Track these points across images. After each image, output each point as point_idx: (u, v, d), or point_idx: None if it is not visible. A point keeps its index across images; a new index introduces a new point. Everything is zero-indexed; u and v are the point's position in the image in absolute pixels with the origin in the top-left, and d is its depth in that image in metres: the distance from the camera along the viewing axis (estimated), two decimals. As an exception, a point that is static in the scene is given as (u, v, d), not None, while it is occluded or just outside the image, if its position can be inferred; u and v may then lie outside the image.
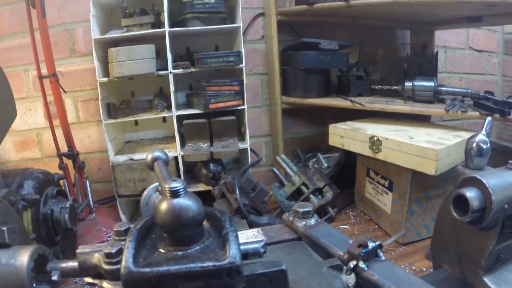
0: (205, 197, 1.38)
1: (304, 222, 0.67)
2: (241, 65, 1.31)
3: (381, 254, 0.58)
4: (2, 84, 1.04)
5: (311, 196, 1.31)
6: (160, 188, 1.14)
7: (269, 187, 1.34)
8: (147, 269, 0.33)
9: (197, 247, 0.36)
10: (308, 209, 0.68)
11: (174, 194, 0.35)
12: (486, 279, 0.69)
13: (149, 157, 0.57)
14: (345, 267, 0.53)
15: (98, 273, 0.41)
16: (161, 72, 1.28)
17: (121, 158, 1.33)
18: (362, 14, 1.52)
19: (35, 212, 1.02)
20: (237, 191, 1.14)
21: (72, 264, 0.43)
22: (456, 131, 1.24)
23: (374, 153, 1.21)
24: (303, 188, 1.32)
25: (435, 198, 1.17)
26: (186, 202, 0.35)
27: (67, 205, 1.09)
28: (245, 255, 0.39)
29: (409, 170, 1.11)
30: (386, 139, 1.17)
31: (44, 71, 1.26)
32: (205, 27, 1.27)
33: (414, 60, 1.54)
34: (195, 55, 1.27)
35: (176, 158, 1.34)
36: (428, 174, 1.05)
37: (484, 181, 0.67)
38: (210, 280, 0.33)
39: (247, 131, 1.38)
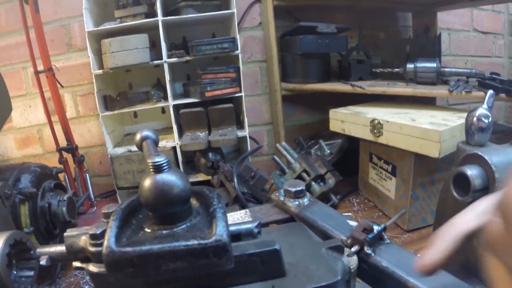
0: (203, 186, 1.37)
1: (297, 202, 0.63)
2: (236, 52, 1.29)
3: (385, 237, 0.53)
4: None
5: (313, 183, 1.28)
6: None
7: (271, 175, 1.33)
8: (129, 249, 0.31)
9: (183, 226, 0.35)
10: (300, 188, 0.64)
11: (157, 169, 0.33)
12: (491, 265, 0.66)
13: (138, 136, 0.55)
14: (347, 249, 0.50)
15: (86, 257, 0.40)
16: (156, 62, 1.27)
17: (120, 150, 1.33)
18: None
19: (32, 205, 1.01)
20: (235, 179, 1.12)
21: (61, 248, 0.42)
22: (461, 112, 1.20)
23: (375, 137, 1.18)
24: (304, 175, 1.29)
25: (440, 182, 1.12)
26: (170, 178, 0.33)
27: (65, 198, 1.09)
28: (238, 236, 0.36)
29: (412, 154, 1.08)
30: (387, 122, 1.13)
31: (41, 67, 1.26)
32: (198, 14, 1.25)
33: (416, 42, 1.50)
34: (189, 42, 1.26)
35: (174, 148, 1.33)
36: (431, 157, 1.01)
37: (486, 157, 0.63)
38: (195, 259, 0.31)
39: (246, 119, 1.36)
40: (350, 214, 1.28)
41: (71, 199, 1.11)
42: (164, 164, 0.34)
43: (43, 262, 0.43)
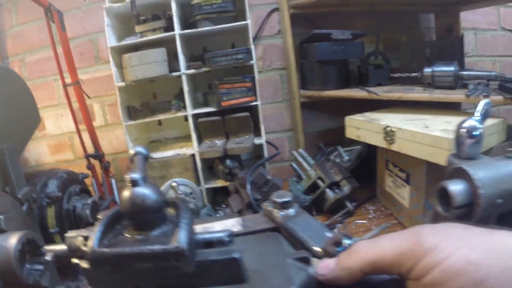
0: (224, 193, 1.42)
1: (283, 213, 0.66)
2: (251, 62, 1.32)
3: None
4: (25, 93, 1.12)
5: (327, 190, 1.29)
6: (173, 184, 1.19)
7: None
8: (107, 250, 0.37)
9: (156, 233, 0.40)
10: (287, 199, 0.66)
11: (133, 183, 0.39)
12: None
13: (131, 152, 0.61)
14: (318, 261, 0.53)
15: (82, 255, 0.47)
16: (174, 74, 1.32)
17: (143, 158, 1.39)
18: (377, 0, 1.48)
19: (58, 208, 1.10)
20: (248, 186, 1.16)
21: (63, 247, 0.49)
22: (478, 118, 1.17)
23: (388, 144, 1.18)
24: (319, 182, 1.31)
25: (453, 192, 1.11)
26: (143, 191, 0.39)
27: (89, 202, 1.17)
28: (210, 244, 0.41)
29: (424, 162, 1.06)
30: (400, 129, 1.13)
31: (68, 80, 1.35)
32: (213, 27, 1.29)
33: (436, 45, 1.47)
34: (205, 54, 1.31)
35: (193, 155, 1.38)
36: (444, 166, 1.00)
37: (471, 172, 0.62)
38: (159, 262, 0.36)
39: (262, 127, 1.39)
40: (364, 221, 1.28)
41: (95, 203, 1.19)
42: (139, 180, 0.39)
43: (48, 257, 0.51)
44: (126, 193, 0.39)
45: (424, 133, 1.05)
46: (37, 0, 1.22)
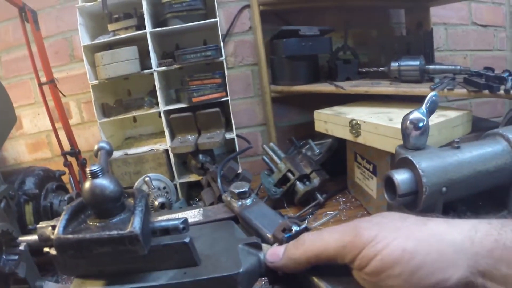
0: (199, 187, 1.45)
1: (240, 203, 0.70)
2: (220, 58, 1.35)
3: None
4: (0, 94, 1.14)
5: (297, 182, 1.32)
6: (146, 179, 1.22)
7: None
8: (70, 236, 0.40)
9: (114, 220, 0.43)
10: (243, 190, 0.70)
11: (93, 175, 0.42)
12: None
13: (95, 147, 0.66)
14: (268, 246, 0.56)
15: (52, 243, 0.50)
16: (145, 72, 1.35)
17: (117, 154, 1.42)
18: (345, -5, 1.51)
19: (35, 205, 1.14)
20: (219, 180, 1.19)
21: (35, 237, 0.52)
22: (443, 111, 1.20)
23: (354, 137, 1.21)
24: (289, 175, 1.34)
25: (417, 181, 1.15)
26: (102, 182, 0.42)
27: (66, 198, 1.20)
28: (166, 231, 0.44)
29: (388, 153, 1.10)
30: (364, 122, 1.16)
31: (44, 79, 1.37)
32: (183, 25, 1.32)
33: (405, 40, 1.51)
34: (175, 52, 1.33)
35: (167, 151, 1.41)
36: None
37: (414, 161, 0.65)
38: (116, 246, 0.39)
39: (233, 122, 1.42)
40: (334, 212, 1.31)
41: (72, 198, 1.22)
42: (98, 172, 0.43)
43: (21, 247, 0.54)
44: (86, 184, 0.42)
45: (387, 125, 1.08)
46: (11, 0, 1.24)
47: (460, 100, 1.87)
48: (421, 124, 0.73)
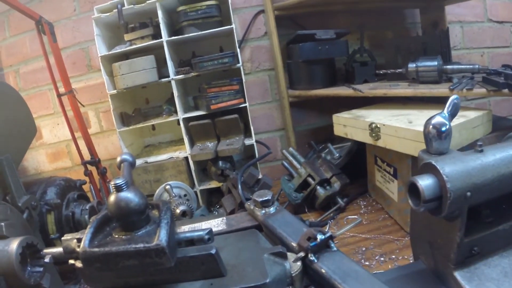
0: (219, 194, 1.45)
1: (263, 211, 0.70)
2: (237, 65, 1.35)
3: (332, 245, 0.58)
4: (20, 105, 1.16)
5: (318, 187, 1.32)
6: (167, 187, 1.23)
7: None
8: (97, 249, 0.41)
9: (140, 232, 0.43)
10: (266, 198, 0.70)
11: (118, 189, 0.43)
12: (456, 274, 0.64)
13: (118, 159, 0.66)
14: (294, 255, 0.56)
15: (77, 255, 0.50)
16: (163, 80, 1.36)
17: (138, 162, 1.43)
18: (358, -2, 1.50)
19: (57, 214, 1.15)
20: (239, 186, 1.19)
21: (60, 249, 0.52)
22: (462, 111, 1.18)
23: (374, 141, 1.21)
24: (310, 179, 1.34)
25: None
26: (127, 195, 0.43)
27: (87, 207, 1.21)
28: (191, 242, 0.44)
29: (409, 156, 1.09)
30: (384, 125, 1.15)
31: (62, 89, 1.39)
32: (199, 32, 1.33)
33: (420, 40, 1.49)
34: (192, 60, 1.34)
35: (186, 158, 1.42)
36: (428, 159, 1.03)
37: (438, 167, 0.64)
38: (142, 258, 0.40)
39: (252, 128, 1.43)
40: (356, 216, 1.31)
41: (93, 208, 1.23)
42: (123, 185, 0.43)
43: (46, 260, 0.55)
44: (111, 198, 0.43)
45: (407, 128, 1.07)
46: (27, 13, 1.26)
47: (478, 99, 1.84)
48: (443, 129, 0.70)
